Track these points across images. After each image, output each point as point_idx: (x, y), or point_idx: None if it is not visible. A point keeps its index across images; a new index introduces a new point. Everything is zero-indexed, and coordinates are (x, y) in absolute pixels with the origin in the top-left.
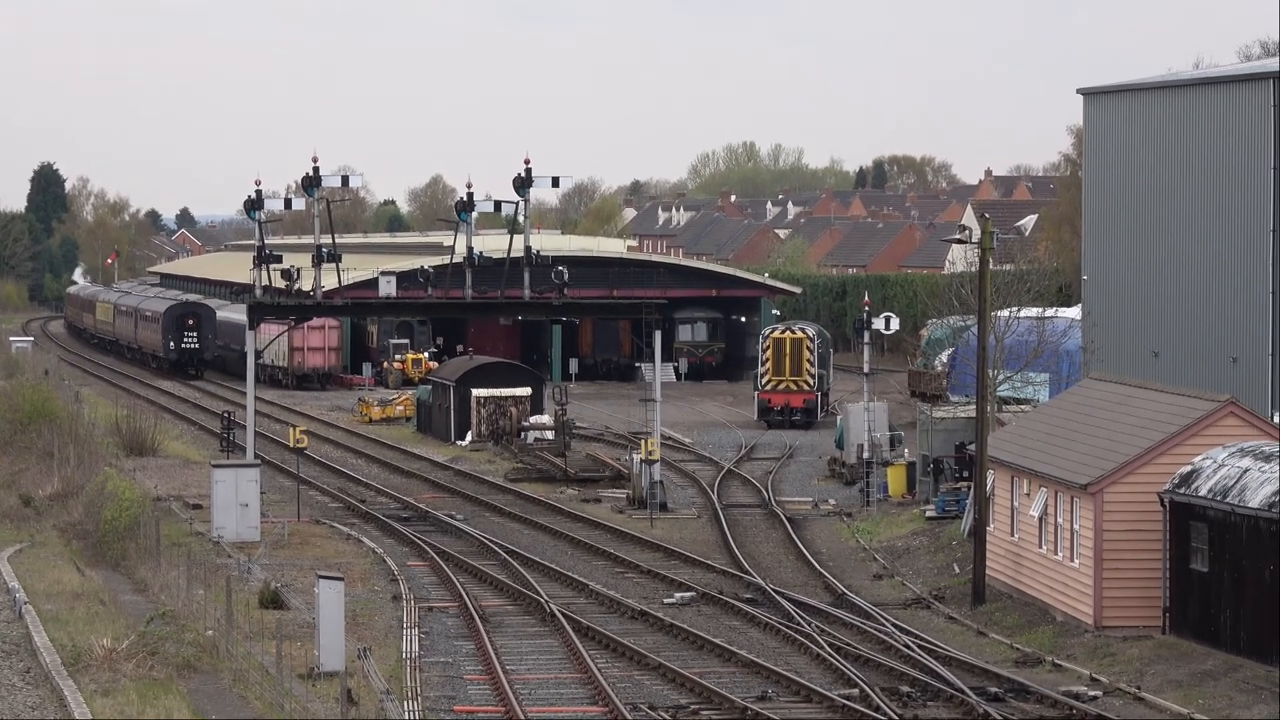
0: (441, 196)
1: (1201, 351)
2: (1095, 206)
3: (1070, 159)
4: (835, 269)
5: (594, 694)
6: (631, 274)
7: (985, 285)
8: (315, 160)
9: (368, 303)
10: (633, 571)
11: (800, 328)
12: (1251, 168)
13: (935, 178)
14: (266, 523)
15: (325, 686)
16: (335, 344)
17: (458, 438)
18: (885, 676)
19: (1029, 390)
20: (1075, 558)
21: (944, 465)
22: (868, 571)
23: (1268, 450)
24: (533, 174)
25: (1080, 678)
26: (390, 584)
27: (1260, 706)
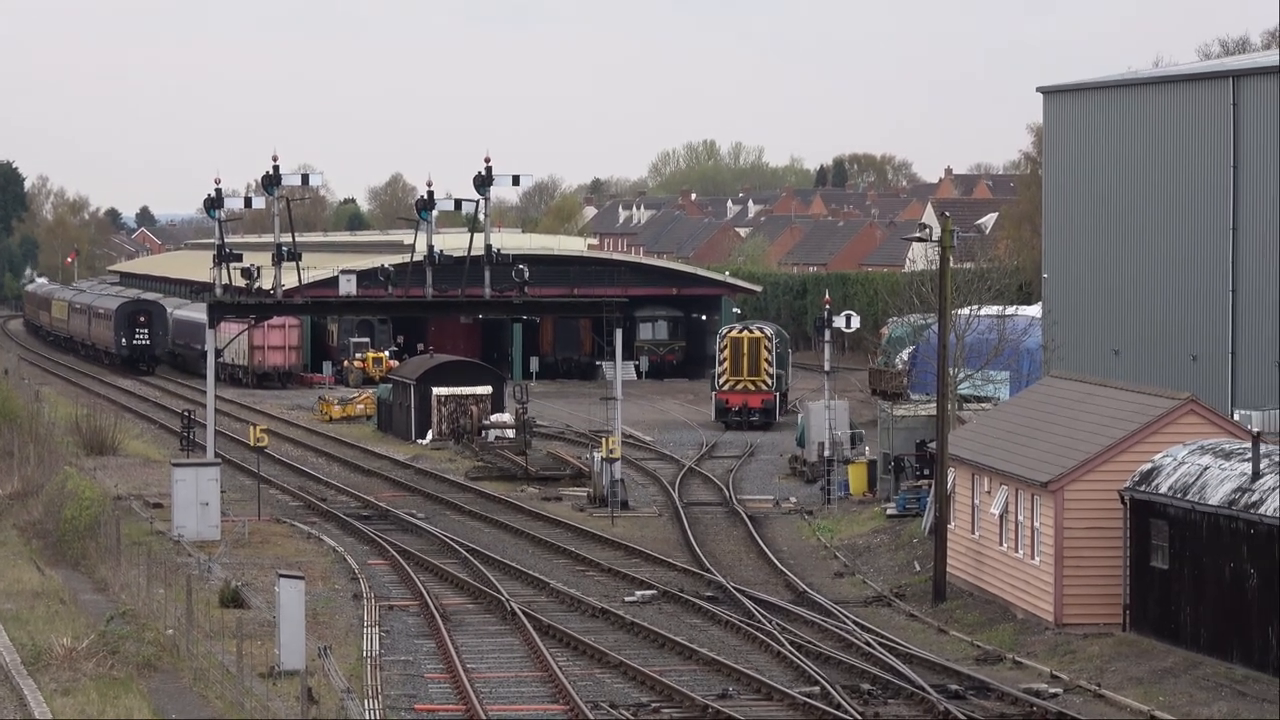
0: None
1: (1161, 349)
2: (1055, 205)
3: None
4: (796, 267)
5: (555, 692)
6: (592, 272)
7: (946, 283)
8: (275, 159)
9: (328, 301)
10: (594, 570)
11: (758, 327)
12: (1210, 166)
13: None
14: (227, 521)
15: (286, 685)
16: (295, 343)
17: (418, 436)
18: (846, 674)
19: (989, 388)
20: (1036, 555)
21: (905, 463)
22: (829, 569)
23: (1228, 448)
24: (493, 172)
25: (1041, 675)
26: (351, 583)
27: (1220, 704)
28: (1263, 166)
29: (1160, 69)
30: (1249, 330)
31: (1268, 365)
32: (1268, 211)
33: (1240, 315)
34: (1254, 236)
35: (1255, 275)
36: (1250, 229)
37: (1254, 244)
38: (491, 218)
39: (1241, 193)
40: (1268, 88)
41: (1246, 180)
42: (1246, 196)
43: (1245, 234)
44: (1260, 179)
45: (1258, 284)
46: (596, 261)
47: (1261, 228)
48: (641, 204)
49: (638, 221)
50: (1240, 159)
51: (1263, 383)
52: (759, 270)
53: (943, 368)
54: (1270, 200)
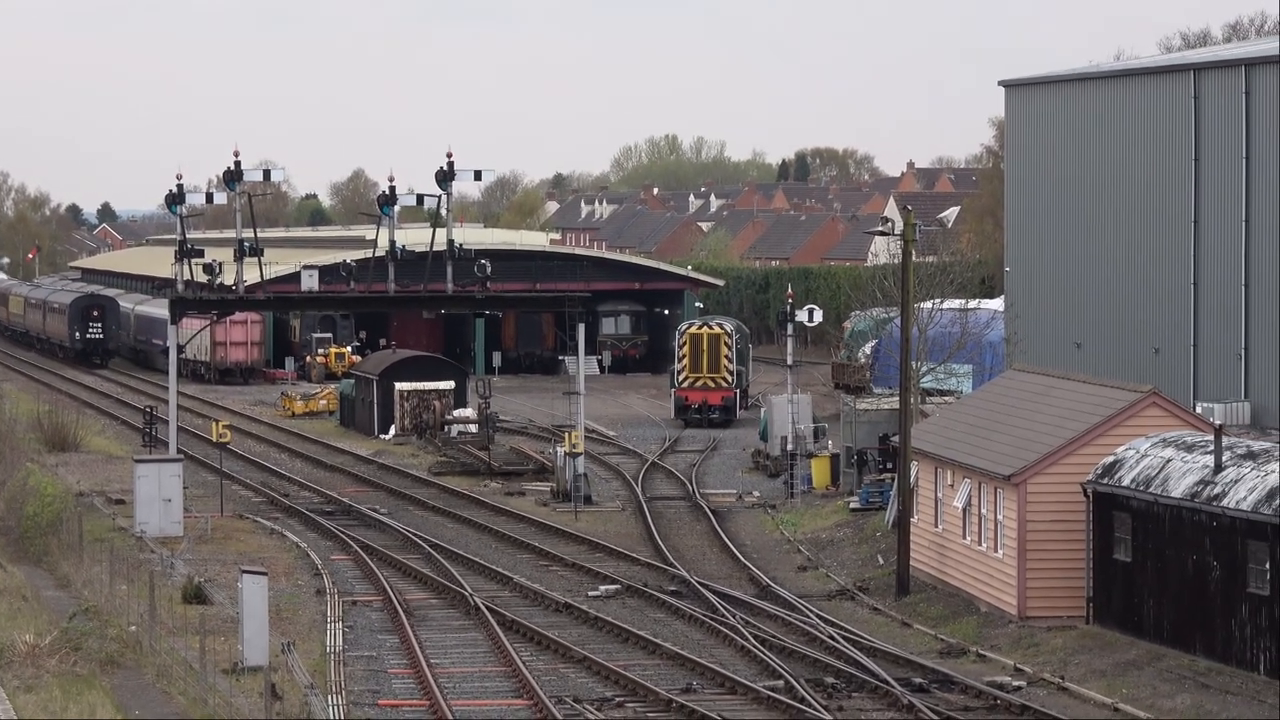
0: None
1: (1124, 342)
2: (1017, 198)
3: (992, 151)
4: (758, 261)
5: (519, 687)
6: (554, 267)
7: (908, 277)
8: (237, 154)
9: (290, 297)
10: (557, 565)
11: (718, 323)
12: (1172, 159)
13: (858, 170)
14: (189, 518)
15: (249, 681)
16: (258, 338)
17: (381, 431)
18: (810, 668)
19: (952, 382)
20: (999, 548)
21: (868, 457)
22: (792, 563)
23: (1190, 440)
24: (455, 167)
25: (1004, 668)
26: (314, 578)
27: (1183, 695)
28: (1224, 159)
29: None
30: (1211, 323)
31: (1229, 358)
32: (1229, 204)
33: (1202, 308)
34: (1215, 229)
35: (1217, 268)
36: (1212, 222)
37: (1215, 237)
38: (454, 213)
39: (1203, 186)
40: (1229, 81)
41: (1207, 173)
42: (1208, 189)
43: (1206, 227)
44: (1221, 172)
45: (1219, 277)
46: (559, 256)
47: (1223, 221)
48: (604, 199)
49: (600, 216)
50: (1201, 152)
51: (1224, 375)
52: (722, 265)
53: (905, 361)
54: (1231, 193)
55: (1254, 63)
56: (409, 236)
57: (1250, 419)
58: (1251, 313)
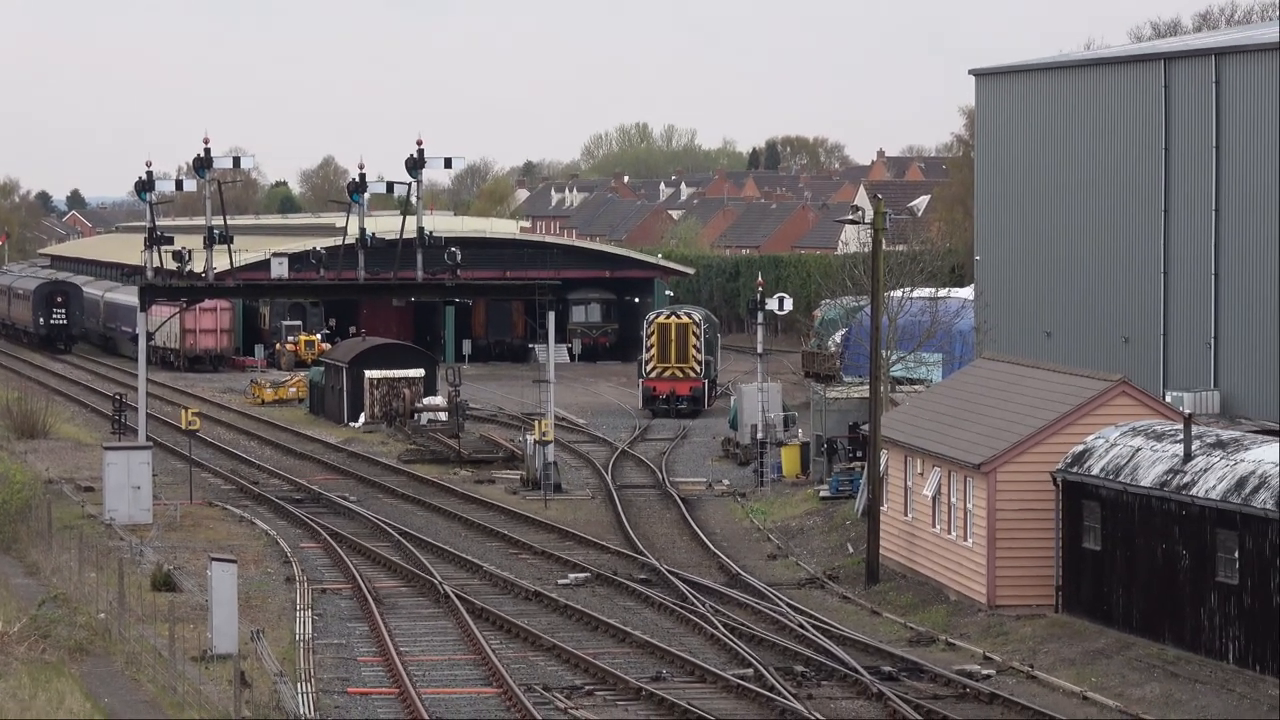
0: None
1: (1094, 331)
2: (987, 187)
3: (962, 140)
4: (729, 250)
5: (488, 675)
6: (525, 255)
7: (878, 266)
8: (206, 141)
9: (260, 284)
10: (527, 553)
11: (686, 312)
12: (1142, 148)
13: (828, 159)
14: (159, 505)
15: (218, 669)
16: (227, 326)
17: (350, 419)
18: (780, 656)
19: (922, 370)
20: (968, 537)
21: (838, 445)
22: (762, 552)
23: (1160, 429)
24: (425, 155)
25: (974, 656)
26: (283, 566)
27: (1153, 684)
28: (1194, 149)
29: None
30: (1181, 312)
31: (1199, 347)
32: (1199, 194)
33: (1172, 297)
34: (1185, 219)
35: (1187, 257)
36: (1181, 211)
37: (1185, 226)
38: (424, 200)
39: (1172, 175)
40: (1199, 70)
41: (1177, 163)
42: (1177, 179)
43: (1176, 216)
44: (1191, 161)
45: (1189, 266)
46: (529, 244)
47: (1192, 210)
48: (574, 187)
49: (570, 204)
50: (1171, 141)
51: (1194, 364)
52: (692, 253)
53: (875, 350)
54: (1201, 182)
55: (1224, 52)
56: (379, 224)
57: (1220, 408)
58: (1221, 302)
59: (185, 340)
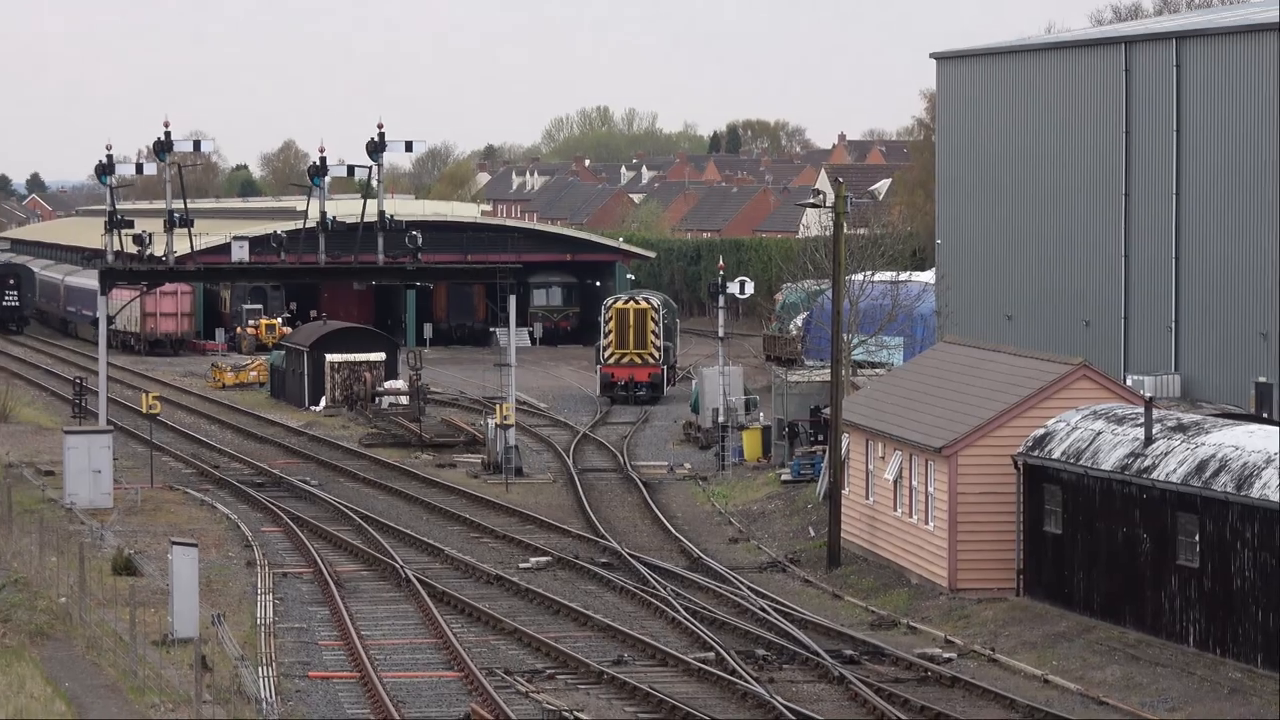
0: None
1: (1055, 315)
2: (948, 171)
3: (923, 123)
4: (690, 233)
5: (449, 659)
6: (486, 239)
7: (839, 249)
8: (167, 125)
9: (220, 268)
10: (488, 536)
11: (644, 297)
12: (1103, 132)
13: (789, 142)
14: (119, 489)
15: (179, 653)
16: (188, 309)
17: (311, 403)
18: (741, 640)
19: (883, 354)
20: (930, 520)
21: (799, 429)
22: (723, 535)
23: (1120, 413)
24: (386, 138)
25: (935, 640)
26: (244, 550)
27: (1113, 667)
28: (1154, 132)
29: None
30: (1141, 296)
31: (1160, 330)
32: (1160, 177)
33: (1133, 281)
34: (1146, 202)
35: (1147, 241)
36: (1142, 194)
37: (1146, 210)
38: (385, 184)
39: (1134, 158)
40: (1160, 54)
41: (1138, 146)
42: (1138, 162)
43: (1137, 200)
44: (1152, 145)
45: (1150, 249)
46: (490, 228)
47: (1153, 193)
48: (535, 170)
49: (531, 188)
50: (1132, 125)
51: (1155, 348)
52: (653, 236)
53: (837, 333)
54: (1162, 166)
55: (1184, 36)
56: (340, 208)
57: (1180, 391)
58: (1182, 286)
59: (146, 324)
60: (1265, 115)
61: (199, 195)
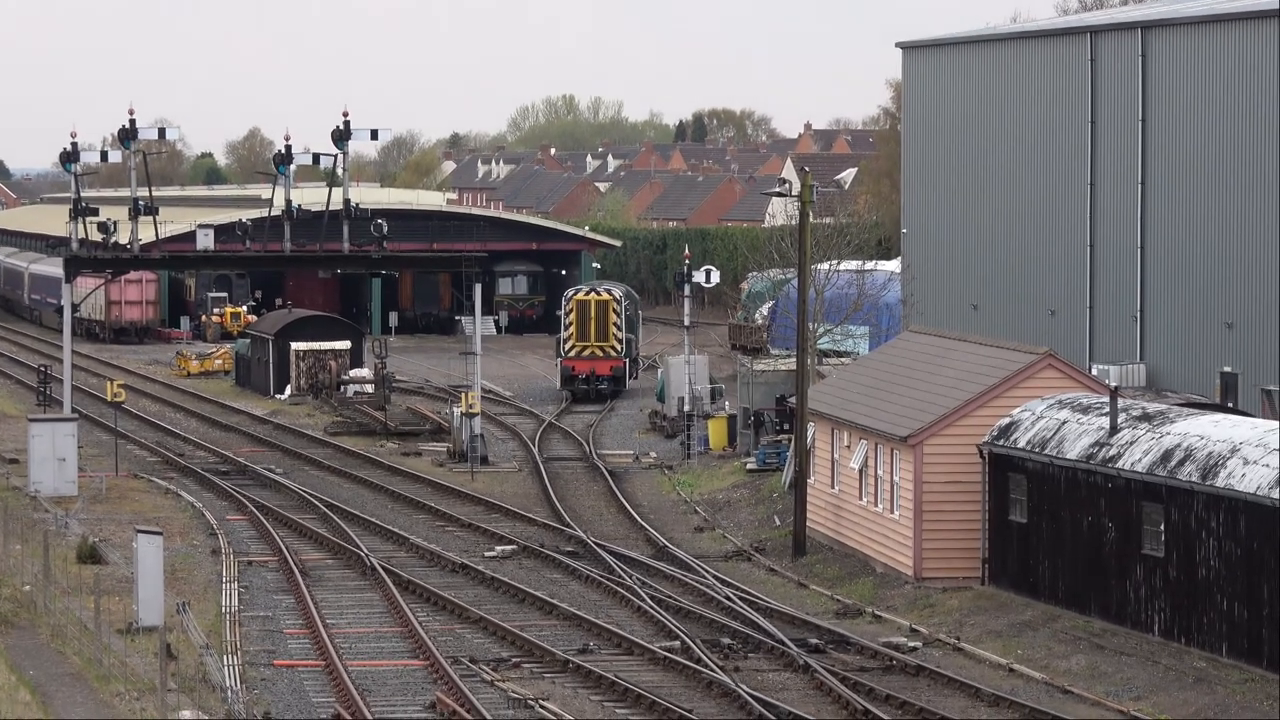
0: (259, 149)
1: (1020, 304)
2: (914, 160)
3: (889, 113)
4: (656, 222)
5: (415, 647)
6: (451, 227)
7: (805, 238)
8: (131, 112)
9: (185, 256)
10: (453, 525)
11: (606, 289)
12: (1068, 122)
13: (755, 131)
14: (84, 477)
15: (144, 641)
16: (152, 297)
17: (277, 391)
18: (706, 629)
19: (849, 343)
20: (895, 509)
21: (764, 418)
22: (689, 524)
23: (1086, 402)
24: (351, 127)
25: (900, 629)
26: (209, 538)
27: (1079, 656)
28: (1120, 122)
29: (1018, 24)
30: (1106, 285)
31: (1125, 320)
32: (1125, 167)
33: (1098, 270)
34: (1111, 192)
35: (1113, 230)
36: (1107, 184)
37: (1111, 199)
38: (350, 172)
39: (1099, 148)
40: (1125, 44)
41: (1103, 136)
42: (1104, 152)
43: (1102, 190)
44: (1117, 134)
45: (1115, 239)
46: (455, 216)
47: (1119, 183)
48: (500, 159)
49: (497, 176)
50: (1098, 115)
51: (1120, 337)
52: (619, 225)
53: (802, 322)
54: (1127, 156)
55: (1150, 25)
56: (305, 196)
57: (1146, 381)
58: (1147, 275)
59: (110, 312)
60: (1231, 105)
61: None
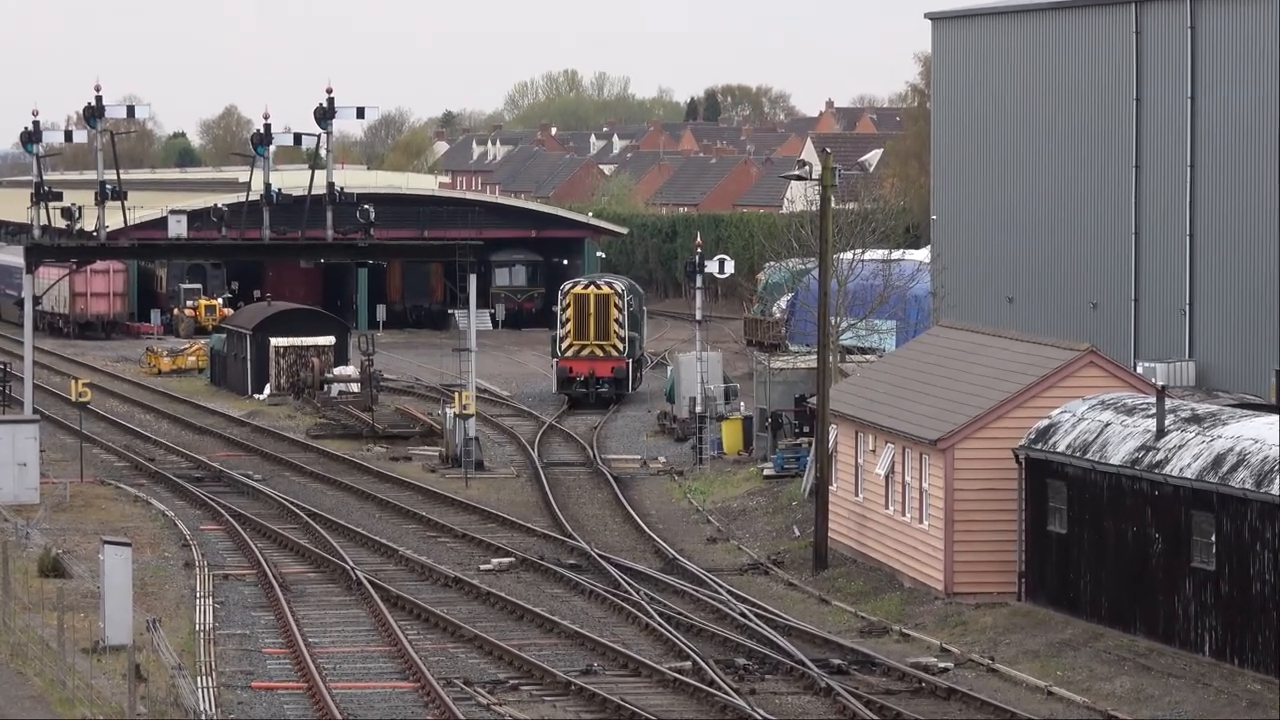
0: (236, 129)
1: (1059, 297)
2: (945, 141)
3: (918, 89)
4: (665, 208)
5: (404, 668)
6: (444, 213)
7: (827, 226)
8: (98, 89)
9: (156, 244)
10: (446, 536)
11: (606, 282)
12: (1111, 98)
13: (772, 109)
14: (46, 483)
15: (111, 661)
16: (121, 289)
17: (255, 391)
18: (720, 648)
19: (874, 339)
20: (924, 519)
21: (783, 420)
22: (701, 535)
23: (1130, 403)
24: (335, 104)
25: (930, 648)
26: (182, 550)
27: (1123, 678)
28: (1166, 98)
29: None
30: (1153, 276)
31: (1173, 314)
32: (1173, 148)
33: (1143, 259)
34: (1158, 174)
35: (1160, 216)
36: (1154, 166)
37: (1158, 182)
38: (334, 154)
39: (1144, 127)
40: (1173, 14)
41: (1150, 113)
42: (1150, 131)
43: (1149, 172)
44: (1164, 112)
45: (1162, 225)
46: (448, 201)
47: (1166, 165)
48: (497, 139)
49: (493, 158)
50: (1143, 91)
51: (1168, 332)
52: (625, 211)
53: (824, 317)
54: (1175, 136)
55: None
56: (286, 179)
57: (1195, 379)
58: (1196, 265)
59: (75, 305)
60: None
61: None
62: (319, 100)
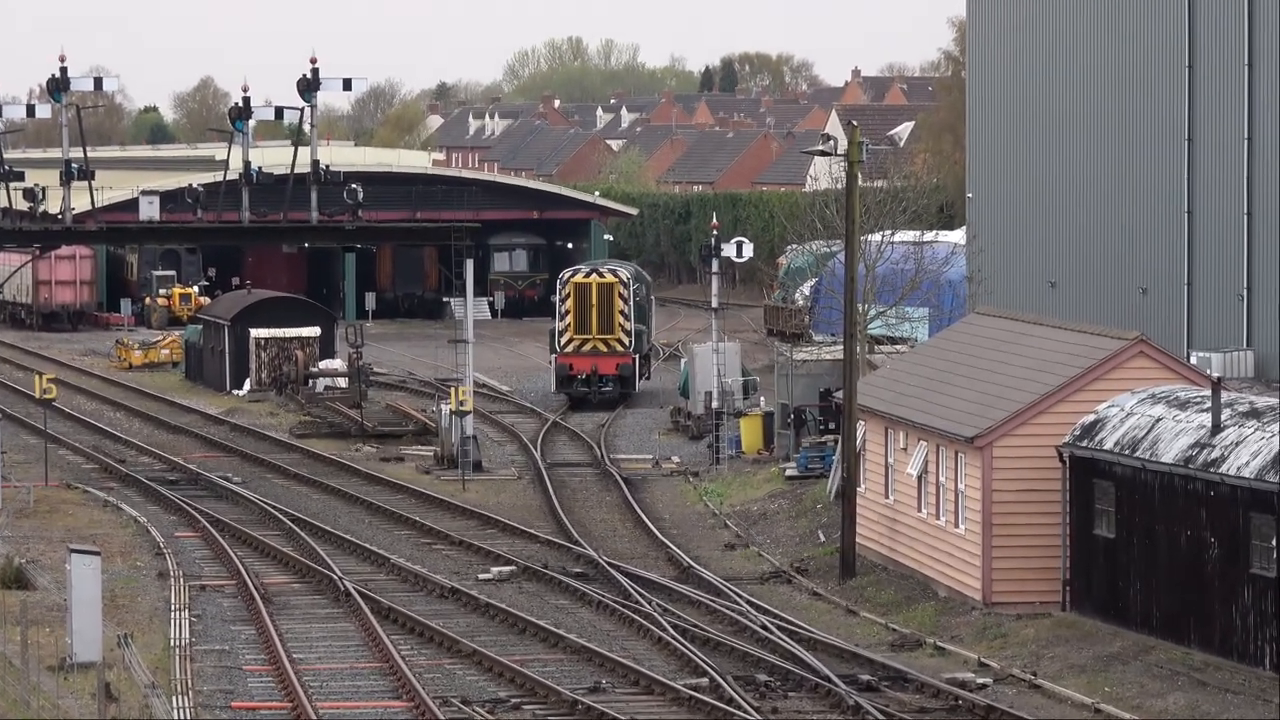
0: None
1: (1105, 281)
2: (981, 113)
3: (952, 57)
4: (678, 186)
5: (397, 686)
6: (438, 193)
7: (854, 205)
8: (63, 60)
9: (126, 228)
10: (442, 542)
11: (610, 269)
12: (1161, 67)
13: (794, 79)
14: (8, 487)
15: (80, 680)
16: (88, 276)
17: (234, 386)
18: (739, 663)
19: (905, 328)
20: (960, 523)
21: (806, 416)
22: (718, 540)
23: (1183, 396)
24: (320, 75)
25: (967, 663)
26: (155, 559)
27: (1176, 694)
28: (1222, 68)
29: None
30: (1207, 258)
31: (1229, 299)
32: (1229, 120)
33: (1197, 241)
34: (1212, 149)
35: (1214, 194)
36: (1208, 140)
37: (1212, 157)
38: (319, 129)
39: (1198, 97)
40: None
41: (1203, 84)
42: (1203, 102)
43: (1202, 146)
44: (1219, 82)
45: (1217, 204)
46: (443, 180)
47: (1221, 139)
48: (496, 112)
49: (491, 133)
50: (1196, 59)
51: (1224, 320)
52: (634, 190)
53: (850, 304)
54: (1231, 107)
55: None
56: (266, 157)
57: (1254, 370)
58: (1254, 247)
59: (39, 294)
60: None
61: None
62: (302, 71)
